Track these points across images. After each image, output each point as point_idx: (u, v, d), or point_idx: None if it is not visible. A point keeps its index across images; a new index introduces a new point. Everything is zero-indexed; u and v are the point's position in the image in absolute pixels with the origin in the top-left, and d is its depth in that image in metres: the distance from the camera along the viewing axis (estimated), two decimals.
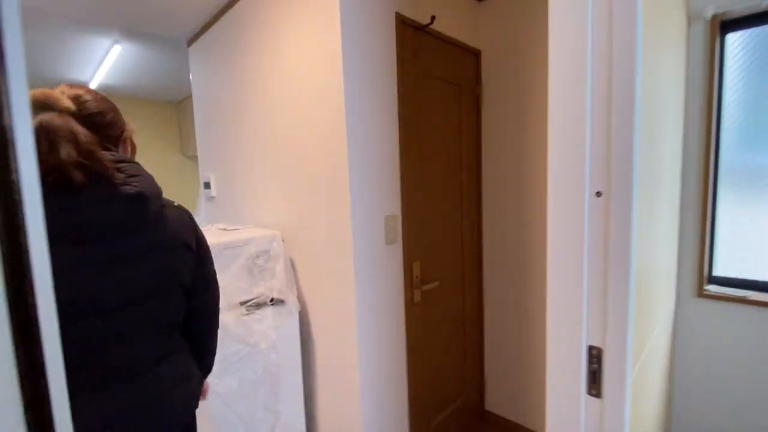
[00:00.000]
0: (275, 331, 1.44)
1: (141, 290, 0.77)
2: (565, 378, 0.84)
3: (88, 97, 0.78)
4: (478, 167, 1.96)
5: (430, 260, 1.68)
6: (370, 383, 1.45)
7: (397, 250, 1.52)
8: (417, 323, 1.63)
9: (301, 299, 1.62)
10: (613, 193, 0.72)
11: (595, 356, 0.79)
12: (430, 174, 1.67)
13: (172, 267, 0.83)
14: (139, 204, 0.74)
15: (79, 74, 3.12)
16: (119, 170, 0.74)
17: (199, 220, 2.80)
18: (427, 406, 1.74)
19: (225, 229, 1.62)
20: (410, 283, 1.58)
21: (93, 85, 3.32)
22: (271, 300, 1.47)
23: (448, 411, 1.90)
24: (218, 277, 1.36)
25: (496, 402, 2.10)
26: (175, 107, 4.07)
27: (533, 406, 1.93)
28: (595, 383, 0.79)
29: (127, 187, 0.73)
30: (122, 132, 0.85)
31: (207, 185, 2.27)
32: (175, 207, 0.90)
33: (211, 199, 2.28)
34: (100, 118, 0.78)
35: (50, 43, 2.49)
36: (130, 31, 2.31)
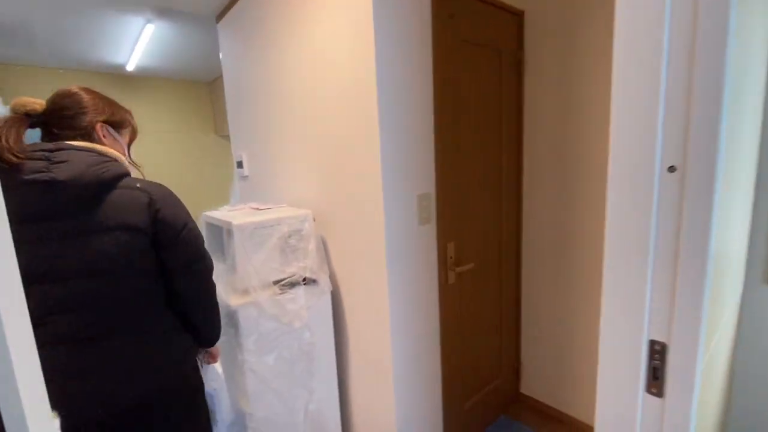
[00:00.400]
0: (308, 310, 1.44)
1: (76, 268, 0.85)
2: (620, 373, 0.76)
3: (64, 100, 0.96)
4: (518, 142, 1.83)
5: (465, 241, 1.61)
6: (403, 363, 1.43)
7: (431, 230, 1.46)
8: (451, 304, 1.58)
9: (333, 279, 1.60)
10: (690, 168, 0.62)
11: (657, 351, 0.71)
12: (467, 149, 1.57)
13: (108, 249, 0.87)
14: (50, 190, 0.83)
15: (116, 56, 3.19)
16: (47, 159, 0.85)
17: (233, 199, 2.80)
18: (460, 388, 1.71)
19: (257, 209, 1.62)
20: (444, 263, 1.52)
21: (130, 67, 3.39)
22: (304, 279, 1.46)
23: (483, 393, 1.86)
24: (252, 256, 1.37)
25: (532, 386, 2.04)
26: (208, 87, 4.11)
27: (572, 392, 1.86)
28: (656, 381, 0.71)
29: (39, 175, 0.83)
30: (89, 124, 0.97)
31: (240, 164, 2.28)
32: (134, 189, 0.92)
33: (244, 178, 2.29)
34: (64, 114, 0.94)
35: (88, 26, 2.54)
36: (160, 9, 2.30)
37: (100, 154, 0.92)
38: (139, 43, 2.84)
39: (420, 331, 1.47)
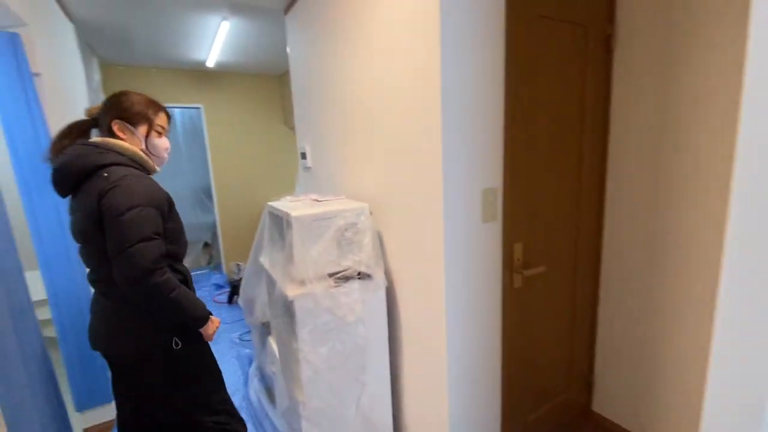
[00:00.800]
0: (362, 305, 1.41)
1: (79, 237, 1.13)
2: (735, 407, 0.60)
3: (97, 108, 1.21)
4: (603, 133, 1.61)
5: (535, 242, 1.46)
6: (458, 366, 1.34)
7: (496, 229, 1.34)
8: (515, 310, 1.45)
9: (388, 274, 1.55)
10: None
11: None
12: (541, 140, 1.40)
13: (79, 227, 1.11)
14: (54, 175, 1.10)
15: (198, 53, 3.43)
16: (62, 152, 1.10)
17: (297, 189, 2.85)
18: (523, 399, 1.58)
19: (317, 200, 1.62)
20: (510, 266, 1.39)
21: (210, 63, 3.64)
22: (359, 274, 1.43)
23: (548, 406, 1.70)
24: (309, 248, 1.36)
25: (606, 403, 1.83)
26: (278, 80, 4.28)
27: (654, 416, 1.61)
28: None
29: (52, 163, 1.11)
30: (108, 122, 1.16)
31: (303, 155, 2.32)
32: (101, 177, 1.06)
33: (307, 169, 2.33)
34: (98, 117, 1.20)
35: (173, 26, 2.74)
36: (234, 5, 2.40)
37: (97, 146, 1.11)
38: (216, 40, 3.02)
39: (479, 335, 1.37)
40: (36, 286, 1.68)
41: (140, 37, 2.95)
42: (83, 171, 1.08)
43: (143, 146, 1.20)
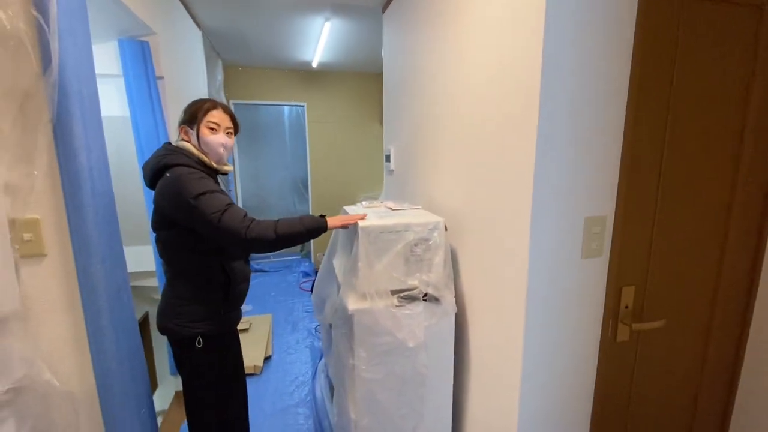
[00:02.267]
0: (426, 330, 1.27)
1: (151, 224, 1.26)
2: None
3: None
4: None
5: (653, 287, 1.14)
6: (532, 426, 1.12)
7: (600, 267, 1.07)
8: (615, 368, 1.16)
9: (459, 299, 1.39)
10: None
11: None
12: (676, 155, 1.08)
13: (151, 217, 1.24)
14: (142, 171, 1.26)
15: (305, 54, 3.62)
16: None
17: (383, 194, 2.77)
18: None
19: (391, 209, 1.52)
20: (614, 314, 1.11)
21: (314, 63, 3.81)
22: (425, 296, 1.30)
23: None
24: (375, 260, 1.27)
25: None
26: (376, 78, 4.30)
27: None
28: None
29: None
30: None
31: (387, 158, 2.25)
32: (165, 177, 1.17)
33: (390, 172, 2.26)
34: None
35: (283, 29, 2.92)
36: (336, 5, 2.44)
37: (167, 148, 1.22)
38: (320, 41, 3.13)
39: (565, 395, 1.12)
40: (148, 258, 1.93)
41: (256, 41, 3.21)
42: (155, 169, 1.19)
43: (200, 144, 1.24)
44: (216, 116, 1.25)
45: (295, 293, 3.76)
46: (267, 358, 2.55)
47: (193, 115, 1.24)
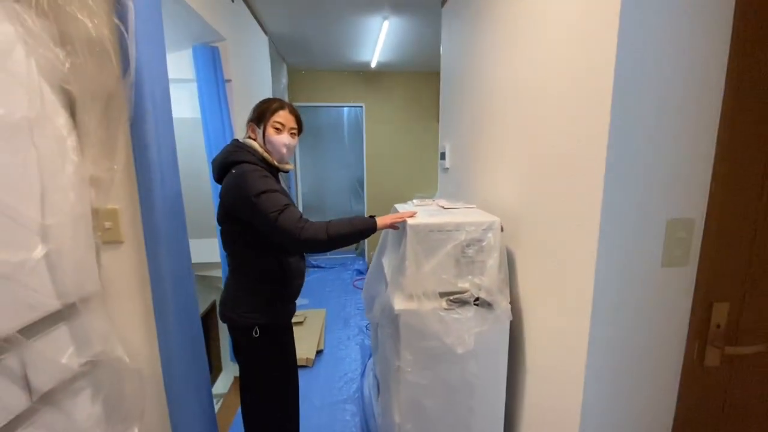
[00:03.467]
0: (476, 336, 1.19)
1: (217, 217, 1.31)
2: None
3: None
4: None
5: (754, 304, 0.95)
6: None
7: (685, 278, 0.92)
8: (703, 399, 0.99)
9: (515, 303, 1.29)
10: None
11: None
12: None
13: (218, 210, 1.29)
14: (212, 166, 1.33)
15: (363, 55, 3.66)
16: None
17: (437, 193, 2.70)
18: None
19: (443, 207, 1.46)
20: (702, 334, 0.94)
21: (373, 63, 3.85)
22: (476, 300, 1.22)
23: None
24: (423, 260, 1.23)
25: None
26: (434, 77, 4.22)
27: None
28: None
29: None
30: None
31: (443, 155, 2.18)
32: (230, 174, 1.22)
33: (445, 170, 2.19)
34: None
35: (340, 29, 2.97)
36: (395, 3, 2.42)
37: (235, 145, 1.28)
38: (379, 40, 3.14)
39: (634, 424, 0.98)
40: (214, 250, 2.07)
41: (318, 44, 3.32)
42: (222, 165, 1.26)
43: (266, 144, 1.28)
44: (282, 117, 1.29)
45: (349, 290, 3.82)
46: (319, 352, 2.61)
47: (262, 114, 1.29)
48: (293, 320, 1.48)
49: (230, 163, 1.25)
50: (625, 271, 0.90)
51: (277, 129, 1.29)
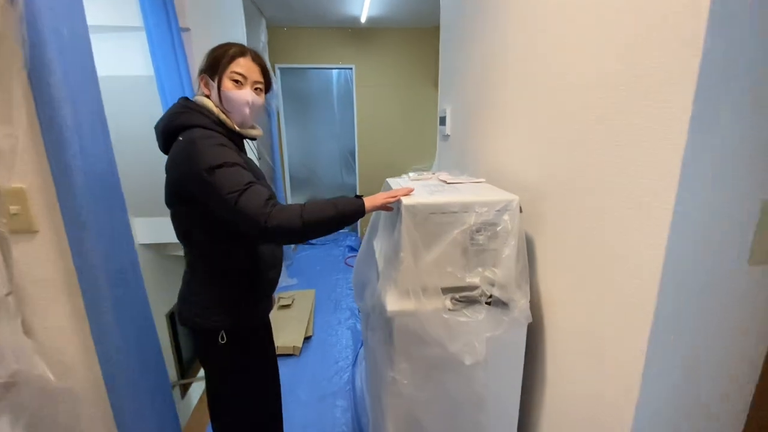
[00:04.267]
0: (486, 344, 0.97)
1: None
2: None
3: None
4: None
5: None
6: None
7: None
8: None
9: (534, 302, 1.05)
10: None
11: None
12: None
13: (166, 190, 1.00)
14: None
15: (351, 8, 3.26)
16: None
17: (435, 164, 2.35)
18: None
19: (445, 182, 1.20)
20: None
21: (363, 18, 3.45)
22: (489, 297, 0.98)
23: None
24: (423, 250, 0.98)
25: None
26: (432, 33, 3.83)
27: None
28: None
29: None
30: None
31: (442, 120, 1.89)
32: (177, 142, 0.96)
33: (444, 138, 1.91)
34: None
35: None
36: None
37: (182, 105, 0.99)
38: None
39: None
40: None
41: None
42: (167, 131, 0.98)
43: (220, 100, 1.00)
44: (243, 66, 1.00)
45: (340, 268, 3.60)
46: (307, 338, 2.41)
47: (215, 62, 1.00)
48: (279, 303, 1.25)
49: (176, 129, 0.97)
50: (702, 267, 0.65)
51: (236, 82, 1.00)
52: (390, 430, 1.06)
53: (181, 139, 0.95)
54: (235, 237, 1.01)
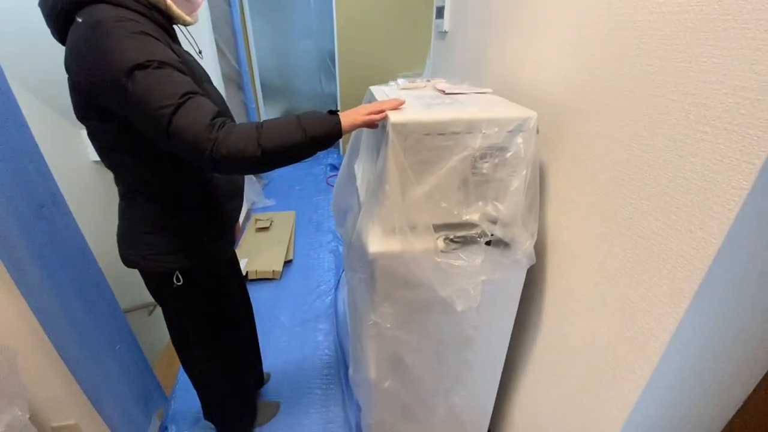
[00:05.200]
0: (480, 288, 0.84)
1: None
2: None
3: None
4: None
5: None
6: None
7: None
8: None
9: (540, 240, 0.91)
10: None
11: None
12: None
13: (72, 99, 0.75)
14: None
15: None
16: None
17: (427, 69, 2.01)
18: None
19: (443, 92, 0.96)
20: None
21: None
22: (490, 236, 0.83)
23: None
24: (413, 179, 0.79)
25: None
26: None
27: None
28: None
29: None
30: None
31: (440, 12, 1.54)
32: (75, 24, 0.67)
33: (441, 35, 1.58)
34: None
35: None
36: None
37: None
38: None
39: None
40: None
41: None
42: (57, 11, 0.69)
43: None
44: None
45: (322, 188, 3.41)
46: (287, 262, 2.33)
47: None
48: (257, 226, 1.10)
49: (70, 5, 0.67)
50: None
51: None
52: (371, 368, 0.99)
53: (80, 20, 0.66)
54: (179, 161, 0.78)
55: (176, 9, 0.75)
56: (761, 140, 0.45)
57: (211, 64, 2.31)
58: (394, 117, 0.74)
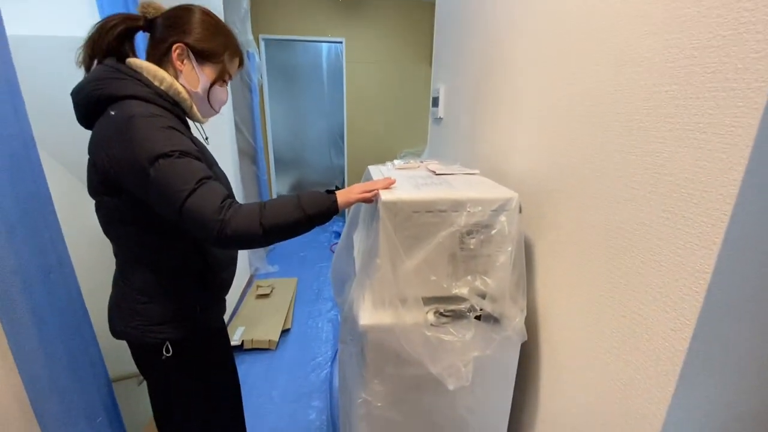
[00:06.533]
0: (472, 365, 0.83)
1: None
2: None
3: (171, 12, 0.84)
4: None
5: None
6: None
7: None
8: None
9: (530, 316, 0.92)
10: None
11: None
12: None
13: (88, 175, 0.82)
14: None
15: None
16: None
17: (426, 150, 2.14)
18: None
19: (434, 173, 1.04)
20: None
21: None
22: (480, 311, 0.84)
23: None
24: (403, 254, 0.83)
25: None
26: (431, 8, 3.59)
27: None
28: None
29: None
30: (169, 43, 0.82)
31: (435, 101, 1.71)
32: (107, 116, 0.77)
33: (437, 121, 1.73)
34: (162, 23, 0.83)
35: None
36: None
37: (112, 67, 0.79)
38: None
39: None
40: None
41: None
42: (91, 100, 0.77)
43: (200, 91, 0.86)
44: (236, 67, 0.93)
45: (325, 255, 3.45)
46: (285, 331, 2.28)
47: (217, 52, 0.86)
48: (258, 292, 1.10)
49: (104, 99, 0.77)
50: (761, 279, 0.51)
51: (225, 82, 0.91)
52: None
53: (113, 113, 0.76)
54: (180, 233, 0.84)
55: (197, 112, 0.87)
56: (715, 227, 0.49)
57: (227, 141, 2.51)
58: (385, 195, 0.80)
